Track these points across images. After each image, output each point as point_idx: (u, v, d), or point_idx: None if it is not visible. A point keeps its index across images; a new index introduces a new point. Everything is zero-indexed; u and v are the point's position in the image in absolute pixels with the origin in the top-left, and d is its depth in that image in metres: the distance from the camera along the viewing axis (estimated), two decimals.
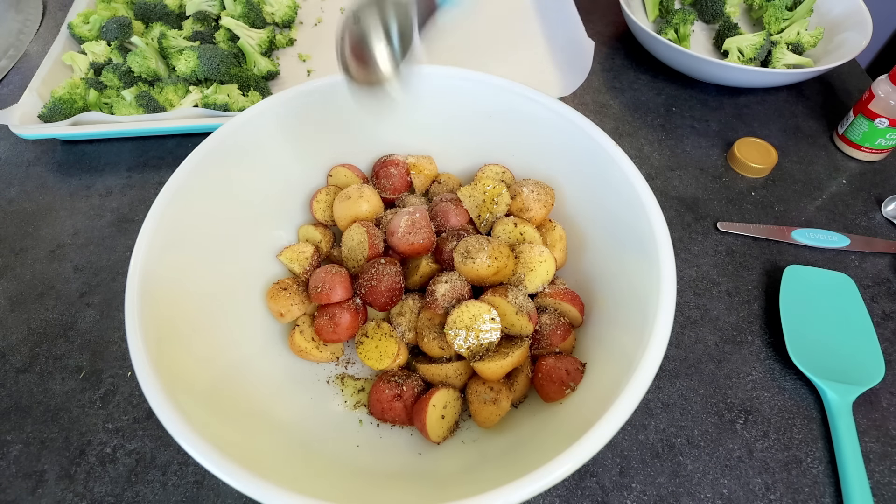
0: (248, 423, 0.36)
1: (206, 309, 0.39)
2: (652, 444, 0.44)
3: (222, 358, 0.39)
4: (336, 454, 0.38)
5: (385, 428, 0.41)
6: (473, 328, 0.38)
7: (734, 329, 0.51)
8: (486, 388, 0.39)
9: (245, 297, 0.44)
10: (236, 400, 0.37)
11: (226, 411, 0.35)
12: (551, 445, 0.29)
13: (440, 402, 0.39)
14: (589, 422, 0.28)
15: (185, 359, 0.35)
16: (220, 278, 0.42)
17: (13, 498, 0.42)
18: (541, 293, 0.42)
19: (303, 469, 0.34)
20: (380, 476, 0.37)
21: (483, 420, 0.39)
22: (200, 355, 0.36)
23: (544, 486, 0.27)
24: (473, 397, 0.40)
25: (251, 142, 0.44)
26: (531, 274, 0.41)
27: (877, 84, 0.60)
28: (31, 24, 0.79)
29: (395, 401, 0.40)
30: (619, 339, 0.36)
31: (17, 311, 0.52)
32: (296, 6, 0.79)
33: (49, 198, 0.60)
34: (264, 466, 0.30)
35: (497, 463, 0.35)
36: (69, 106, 0.62)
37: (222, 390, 0.36)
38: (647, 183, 0.38)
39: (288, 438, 0.37)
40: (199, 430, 0.29)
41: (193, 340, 0.37)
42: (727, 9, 0.78)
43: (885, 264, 0.56)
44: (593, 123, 0.42)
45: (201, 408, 0.32)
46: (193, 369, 0.35)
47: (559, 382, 0.38)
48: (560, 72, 0.71)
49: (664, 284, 0.32)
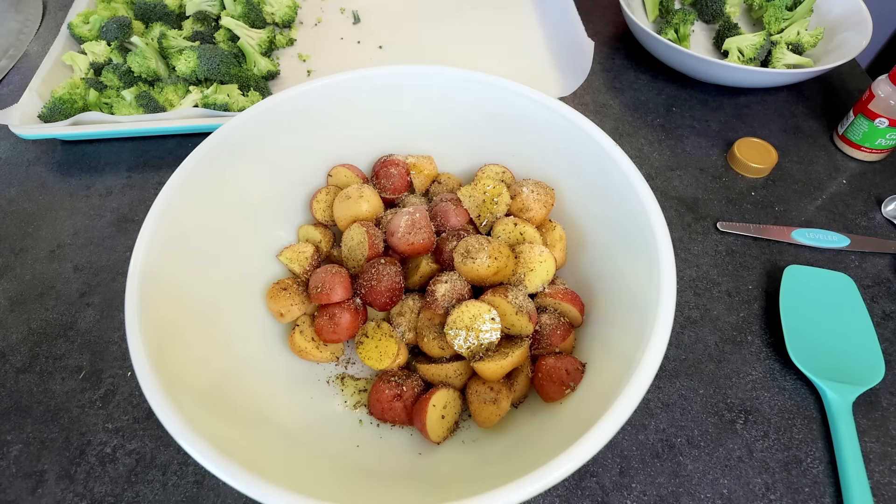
0: (247, 422, 0.36)
1: (206, 309, 0.39)
2: (652, 444, 0.44)
3: (222, 357, 0.39)
4: (336, 454, 0.38)
5: (385, 428, 0.41)
6: (473, 328, 0.38)
7: (734, 329, 0.51)
8: (486, 388, 0.39)
9: (245, 297, 0.44)
10: (236, 399, 0.37)
11: (226, 411, 0.35)
12: (551, 445, 0.29)
13: (440, 402, 0.39)
14: (589, 422, 0.28)
15: (184, 358, 0.35)
16: (221, 278, 0.42)
17: (13, 498, 0.42)
18: (541, 293, 0.42)
19: (303, 469, 0.34)
20: (380, 476, 0.37)
21: (483, 420, 0.39)
22: (200, 355, 0.37)
23: (544, 487, 0.27)
24: (473, 397, 0.40)
25: (251, 142, 0.44)
26: (531, 274, 0.41)
27: (877, 84, 0.60)
28: (31, 24, 0.79)
29: (395, 401, 0.40)
30: (618, 339, 0.36)
31: (17, 311, 0.52)
32: (296, 6, 0.79)
33: (49, 198, 0.60)
34: (264, 466, 0.30)
35: (497, 463, 0.35)
36: (69, 106, 0.62)
37: (222, 390, 0.36)
38: (647, 183, 0.38)
39: (288, 438, 0.37)
40: (199, 429, 0.29)
41: (193, 340, 0.37)
42: (727, 9, 0.78)
43: (885, 264, 0.56)
44: (593, 124, 0.42)
45: (201, 407, 0.32)
46: (193, 369, 0.35)
47: (559, 382, 0.38)
48: (560, 72, 0.71)
49: (664, 285, 0.32)
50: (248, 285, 0.45)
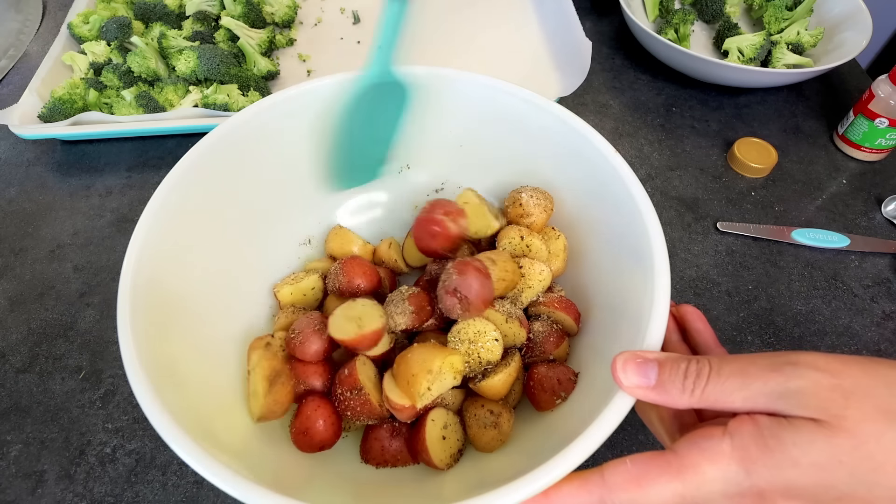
0: (242, 426, 0.36)
1: (200, 311, 0.39)
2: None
3: (217, 361, 0.38)
4: (333, 460, 0.37)
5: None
6: (476, 343, 0.37)
7: (734, 329, 0.51)
8: (486, 411, 0.37)
9: (242, 299, 0.44)
10: (232, 404, 0.37)
11: (221, 415, 0.35)
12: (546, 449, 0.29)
13: (439, 419, 0.37)
14: (581, 427, 0.28)
15: (178, 361, 0.34)
16: (217, 279, 0.41)
17: (13, 498, 0.42)
18: (535, 302, 0.42)
19: (299, 472, 0.34)
20: (379, 483, 0.36)
21: (483, 445, 0.37)
22: (194, 357, 0.36)
23: (537, 490, 0.26)
24: (472, 421, 0.37)
25: (248, 142, 0.44)
26: (528, 290, 0.41)
27: (877, 84, 0.60)
28: (31, 24, 0.79)
29: (393, 439, 0.37)
30: (611, 348, 0.36)
31: (17, 311, 0.52)
32: (296, 6, 0.79)
33: (49, 198, 0.60)
34: (260, 471, 0.29)
35: (496, 464, 0.35)
36: (69, 106, 0.62)
37: (218, 394, 0.36)
38: (648, 198, 0.36)
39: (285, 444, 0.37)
40: (192, 433, 0.28)
41: (187, 343, 0.36)
42: (727, 9, 0.78)
43: (885, 264, 0.56)
44: (593, 129, 0.41)
45: (195, 411, 0.32)
46: (187, 371, 0.35)
47: (551, 392, 0.37)
48: (559, 72, 0.71)
49: (658, 298, 0.32)
50: (245, 286, 0.44)
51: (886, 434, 0.21)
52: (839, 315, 0.53)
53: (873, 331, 0.52)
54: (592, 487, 0.25)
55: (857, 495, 0.22)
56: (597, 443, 0.26)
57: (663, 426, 0.32)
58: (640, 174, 0.53)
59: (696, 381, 0.25)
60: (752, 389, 0.24)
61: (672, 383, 0.26)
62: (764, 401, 0.23)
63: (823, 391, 0.22)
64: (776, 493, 0.23)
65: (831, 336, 0.51)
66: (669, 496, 0.24)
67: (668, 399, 0.26)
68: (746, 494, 0.23)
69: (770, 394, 0.23)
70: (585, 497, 0.25)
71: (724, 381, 0.24)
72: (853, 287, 0.55)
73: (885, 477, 0.21)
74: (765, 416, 0.23)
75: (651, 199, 0.36)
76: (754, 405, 0.24)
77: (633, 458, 0.25)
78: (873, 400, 0.22)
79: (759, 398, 0.23)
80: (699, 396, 0.25)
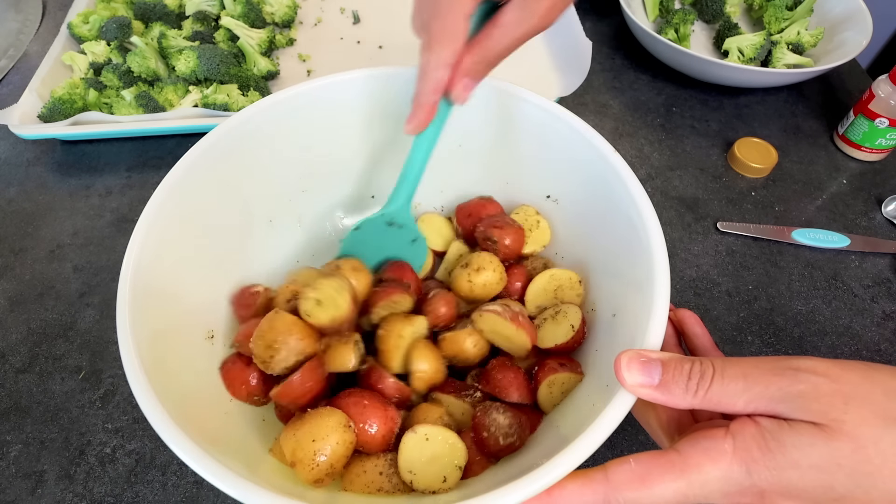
0: (242, 427, 0.36)
1: (200, 312, 0.39)
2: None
3: (217, 361, 0.38)
4: None
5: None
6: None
7: (734, 329, 0.51)
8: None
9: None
10: (232, 404, 0.37)
11: (221, 415, 0.35)
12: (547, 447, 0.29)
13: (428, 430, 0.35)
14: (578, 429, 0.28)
15: (178, 361, 0.34)
16: (217, 279, 0.41)
17: (13, 498, 0.42)
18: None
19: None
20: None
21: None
22: (194, 358, 0.36)
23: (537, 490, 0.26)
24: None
25: (248, 142, 0.44)
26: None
27: (877, 84, 0.60)
28: (30, 24, 0.79)
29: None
30: (611, 348, 0.36)
31: (17, 311, 0.52)
32: (296, 6, 0.79)
33: (49, 198, 0.60)
34: (259, 471, 0.29)
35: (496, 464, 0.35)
36: (69, 106, 0.62)
37: (218, 394, 0.36)
38: (647, 197, 0.36)
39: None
40: (192, 433, 0.28)
41: (187, 343, 0.36)
42: (727, 9, 0.78)
43: (885, 264, 0.56)
44: (595, 131, 0.41)
45: (195, 411, 0.32)
46: (187, 372, 0.35)
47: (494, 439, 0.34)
48: (559, 72, 0.71)
49: (658, 297, 0.31)
50: (245, 285, 0.44)
51: (884, 438, 0.22)
52: (839, 315, 0.53)
53: (873, 331, 0.52)
54: (597, 486, 0.25)
55: (854, 497, 0.22)
56: (599, 441, 0.26)
57: (661, 427, 0.32)
58: (640, 174, 0.53)
59: (699, 382, 0.25)
60: (754, 392, 0.24)
61: (676, 383, 0.26)
62: (766, 404, 0.24)
63: (824, 396, 0.23)
64: (776, 493, 0.23)
65: (831, 336, 0.51)
66: (672, 494, 0.24)
67: (670, 399, 0.26)
68: (747, 494, 0.23)
69: (772, 397, 0.24)
70: (590, 495, 0.25)
71: (727, 384, 0.25)
72: (853, 287, 0.55)
73: (882, 479, 0.22)
74: (767, 418, 0.24)
75: (651, 199, 0.36)
76: (756, 408, 0.24)
77: (637, 456, 0.25)
78: (872, 405, 0.23)
79: (761, 401, 0.24)
80: (702, 398, 0.25)
